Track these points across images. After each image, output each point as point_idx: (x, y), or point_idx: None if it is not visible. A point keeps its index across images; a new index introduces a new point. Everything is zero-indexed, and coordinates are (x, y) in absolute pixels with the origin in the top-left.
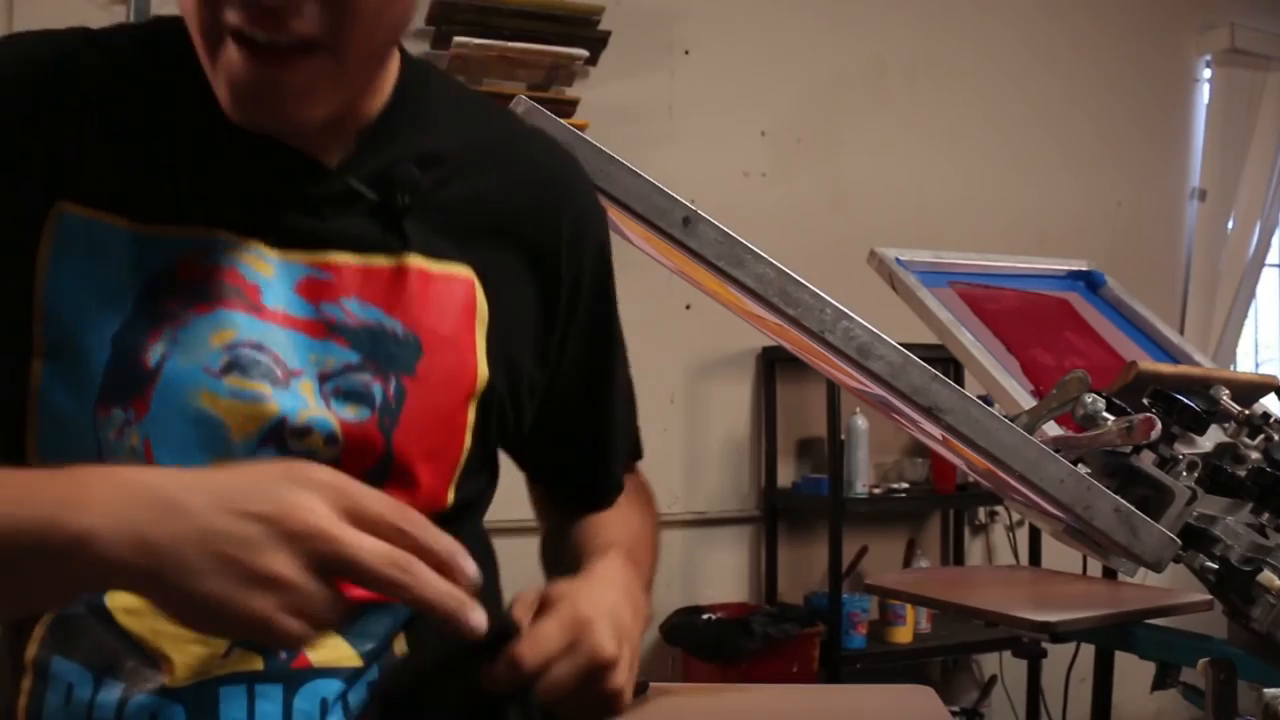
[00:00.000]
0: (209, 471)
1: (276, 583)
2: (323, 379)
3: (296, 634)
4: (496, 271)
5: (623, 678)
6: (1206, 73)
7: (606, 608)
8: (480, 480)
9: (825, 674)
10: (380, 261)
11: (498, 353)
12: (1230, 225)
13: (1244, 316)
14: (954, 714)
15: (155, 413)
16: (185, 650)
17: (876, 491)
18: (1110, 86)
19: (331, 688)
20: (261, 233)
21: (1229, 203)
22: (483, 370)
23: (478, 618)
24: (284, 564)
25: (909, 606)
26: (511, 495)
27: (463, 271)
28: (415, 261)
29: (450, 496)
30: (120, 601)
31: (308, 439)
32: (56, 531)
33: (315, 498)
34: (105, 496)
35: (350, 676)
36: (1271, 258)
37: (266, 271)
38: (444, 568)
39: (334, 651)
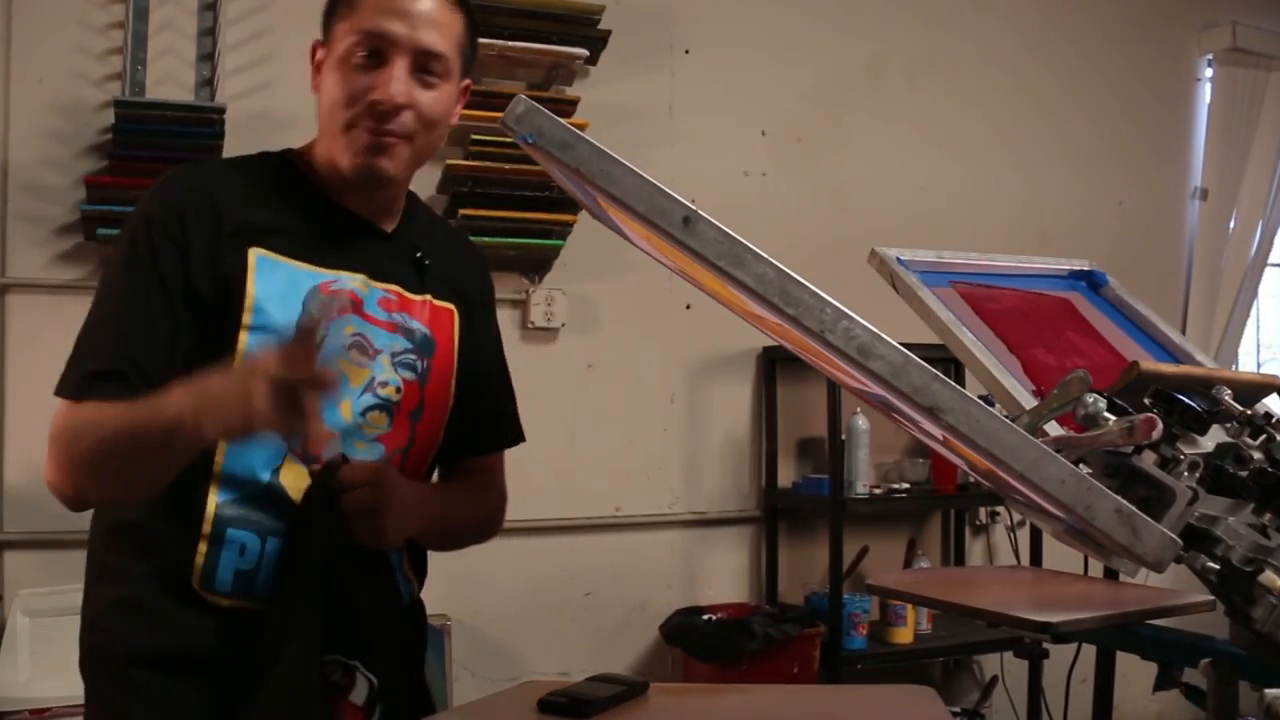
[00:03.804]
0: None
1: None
2: (393, 355)
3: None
4: (464, 305)
5: (391, 524)
6: (1208, 72)
7: (404, 482)
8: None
9: (826, 674)
10: (414, 296)
11: (465, 349)
12: (1232, 224)
13: (1246, 316)
14: (955, 715)
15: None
16: None
17: (877, 491)
18: (1112, 85)
19: None
20: (363, 270)
21: (1231, 202)
22: (457, 360)
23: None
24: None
25: (910, 607)
26: (513, 496)
27: (449, 305)
28: (430, 299)
29: (442, 435)
30: (289, 480)
31: (386, 389)
32: (177, 423)
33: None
34: (181, 398)
35: None
36: (1274, 257)
37: (365, 291)
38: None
39: None
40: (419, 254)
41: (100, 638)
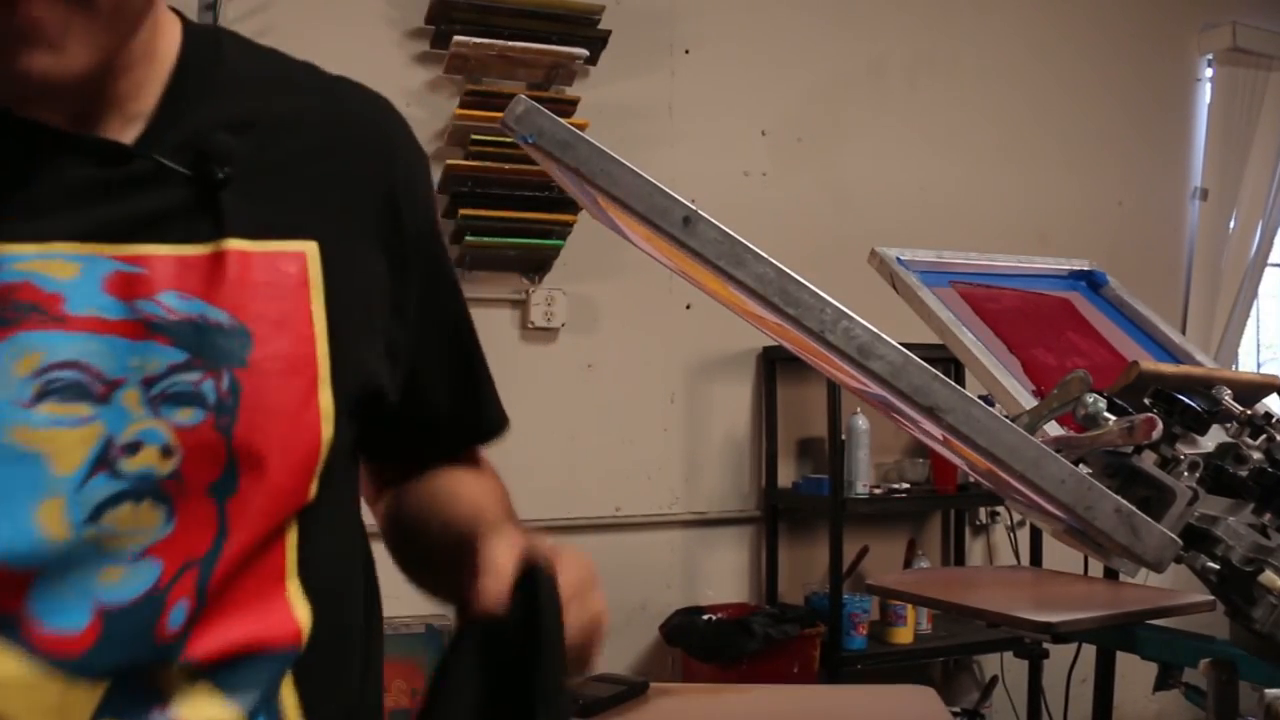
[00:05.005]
0: None
1: None
2: (147, 384)
3: None
4: (336, 234)
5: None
6: (1208, 72)
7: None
8: (351, 469)
9: (826, 675)
10: (195, 250)
11: (346, 326)
12: (1232, 225)
13: (1246, 316)
14: (955, 715)
15: None
16: None
17: (877, 491)
18: (1111, 86)
19: None
20: (58, 232)
21: (1231, 202)
22: (323, 350)
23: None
24: None
25: (910, 607)
26: (513, 496)
27: (293, 246)
28: (234, 245)
29: (313, 490)
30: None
31: (140, 455)
32: None
33: None
34: None
35: None
36: (1273, 257)
37: (68, 273)
38: None
39: (207, 711)
40: (206, 159)
41: None
